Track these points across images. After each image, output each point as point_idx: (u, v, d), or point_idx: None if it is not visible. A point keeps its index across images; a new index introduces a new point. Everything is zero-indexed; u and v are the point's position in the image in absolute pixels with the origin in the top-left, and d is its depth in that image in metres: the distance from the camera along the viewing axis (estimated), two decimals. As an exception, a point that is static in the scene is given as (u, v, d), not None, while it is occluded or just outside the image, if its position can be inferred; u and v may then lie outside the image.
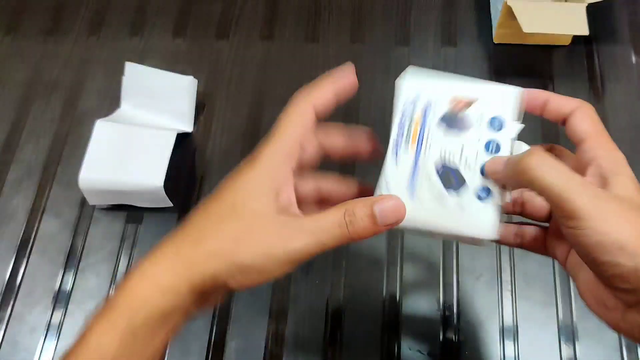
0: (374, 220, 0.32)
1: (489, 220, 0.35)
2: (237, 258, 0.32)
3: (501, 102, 0.36)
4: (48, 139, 0.64)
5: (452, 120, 0.36)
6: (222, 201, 0.34)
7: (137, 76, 0.62)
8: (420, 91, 0.36)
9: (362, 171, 0.58)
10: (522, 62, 0.66)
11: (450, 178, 0.35)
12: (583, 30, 0.60)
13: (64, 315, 0.55)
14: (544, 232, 0.39)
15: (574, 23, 0.61)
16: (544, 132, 0.61)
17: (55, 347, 0.54)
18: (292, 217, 0.33)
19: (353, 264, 0.56)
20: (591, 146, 0.34)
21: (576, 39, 0.66)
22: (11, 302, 0.56)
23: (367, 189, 0.37)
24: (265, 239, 0.32)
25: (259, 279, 0.32)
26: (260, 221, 0.32)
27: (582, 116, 0.35)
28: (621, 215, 0.30)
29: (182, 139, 0.62)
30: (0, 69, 0.69)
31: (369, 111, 0.63)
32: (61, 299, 0.56)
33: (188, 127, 0.62)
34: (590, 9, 0.61)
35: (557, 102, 0.36)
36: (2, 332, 0.54)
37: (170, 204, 0.58)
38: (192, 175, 0.61)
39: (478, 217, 0.35)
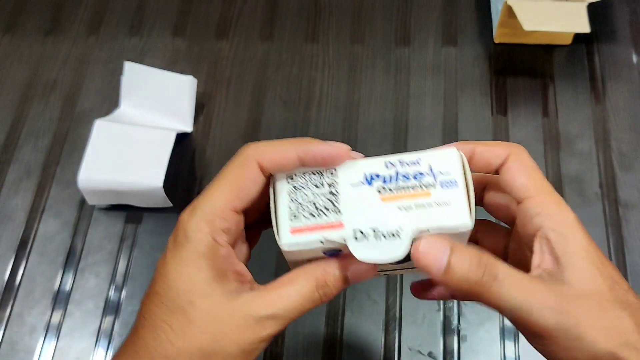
0: (346, 283, 0.31)
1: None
2: None
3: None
4: (47, 138, 0.64)
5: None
6: (163, 301, 0.29)
7: (136, 76, 0.62)
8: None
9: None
10: (523, 62, 0.66)
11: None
12: (584, 27, 0.60)
13: (64, 315, 0.55)
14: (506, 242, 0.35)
15: (575, 21, 0.60)
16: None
17: (55, 348, 0.53)
18: (249, 301, 0.29)
19: (353, 264, 0.56)
20: (533, 209, 0.30)
21: (577, 38, 0.66)
22: (10, 303, 0.55)
23: None
24: (233, 340, 0.29)
25: None
26: (219, 322, 0.29)
27: (515, 166, 0.31)
28: (596, 322, 0.28)
29: (181, 139, 0.61)
30: None
31: (369, 112, 0.63)
32: (60, 299, 0.56)
33: (187, 127, 0.62)
34: (590, 9, 0.61)
35: (483, 154, 0.31)
36: (1, 332, 0.54)
37: (170, 204, 0.57)
38: (192, 175, 0.61)
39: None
